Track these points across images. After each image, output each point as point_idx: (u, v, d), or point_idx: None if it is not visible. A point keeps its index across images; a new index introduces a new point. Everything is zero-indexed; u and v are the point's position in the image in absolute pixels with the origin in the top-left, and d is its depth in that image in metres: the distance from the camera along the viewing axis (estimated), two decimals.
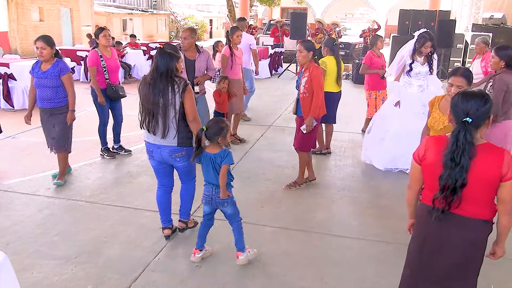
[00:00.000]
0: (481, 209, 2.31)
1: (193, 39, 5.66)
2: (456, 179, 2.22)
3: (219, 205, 3.57)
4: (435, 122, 3.68)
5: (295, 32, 14.10)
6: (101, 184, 5.27)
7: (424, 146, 2.41)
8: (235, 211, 3.63)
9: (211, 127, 3.43)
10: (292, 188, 5.20)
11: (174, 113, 3.60)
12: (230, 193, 3.57)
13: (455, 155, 2.21)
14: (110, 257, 3.73)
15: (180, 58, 3.71)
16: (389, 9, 32.78)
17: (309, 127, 4.87)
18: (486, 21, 17.52)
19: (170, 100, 3.57)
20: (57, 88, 4.92)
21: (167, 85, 3.56)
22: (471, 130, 2.23)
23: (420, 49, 5.47)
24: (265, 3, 27.78)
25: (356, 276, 3.54)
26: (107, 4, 29.51)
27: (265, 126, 8.03)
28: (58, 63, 4.92)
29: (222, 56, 6.77)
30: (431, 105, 3.80)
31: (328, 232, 4.24)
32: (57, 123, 5.04)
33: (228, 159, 3.44)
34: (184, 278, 3.47)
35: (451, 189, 2.24)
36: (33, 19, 19.98)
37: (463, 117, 2.26)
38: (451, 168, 2.23)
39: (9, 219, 4.35)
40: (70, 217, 4.41)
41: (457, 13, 23.02)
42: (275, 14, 32.31)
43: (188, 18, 34.74)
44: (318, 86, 4.79)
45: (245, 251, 3.66)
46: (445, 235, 2.38)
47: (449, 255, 2.39)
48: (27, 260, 3.61)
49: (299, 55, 4.86)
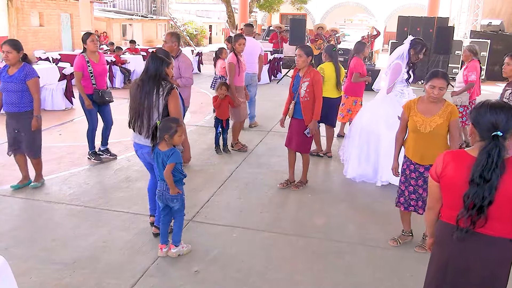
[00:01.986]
0: (509, 227, 2.19)
1: (173, 43, 5.60)
2: (484, 197, 2.09)
3: (169, 201, 3.72)
4: (421, 126, 3.65)
5: (294, 38, 14.15)
6: (100, 189, 5.27)
7: (443, 163, 2.27)
8: (181, 207, 3.78)
9: (162, 123, 3.58)
10: (300, 187, 5.35)
11: (157, 114, 3.71)
12: (180, 190, 3.69)
13: (486, 172, 2.07)
14: (109, 262, 3.73)
15: (171, 64, 3.84)
16: (388, 15, 32.87)
17: (313, 130, 5.05)
18: (484, 28, 17.60)
19: (154, 102, 3.69)
20: (22, 93, 4.85)
21: (153, 87, 3.70)
22: (504, 145, 2.09)
23: (418, 55, 5.44)
24: (265, 9, 27.87)
25: (355, 281, 3.54)
26: (107, 9, 29.56)
27: (264, 132, 8.04)
28: (25, 67, 4.86)
29: (229, 64, 6.64)
30: (408, 108, 3.76)
31: (327, 237, 4.24)
32: (23, 128, 4.96)
33: (174, 157, 3.57)
34: (183, 283, 3.46)
35: (477, 208, 2.11)
36: (33, 24, 19.99)
37: (492, 131, 2.12)
38: (478, 185, 2.09)
39: (8, 224, 4.34)
40: (68, 222, 4.41)
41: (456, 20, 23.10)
42: (274, 20, 32.36)
43: (188, 23, 34.80)
44: (320, 91, 4.98)
45: (179, 246, 3.80)
46: (472, 256, 2.25)
47: (476, 276, 2.26)
48: (25, 265, 3.60)
49: (298, 59, 4.94)
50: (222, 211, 4.74)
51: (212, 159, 6.43)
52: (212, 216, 4.61)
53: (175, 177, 3.64)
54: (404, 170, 3.91)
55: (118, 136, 6.62)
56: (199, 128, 8.20)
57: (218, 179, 5.64)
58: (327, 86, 6.26)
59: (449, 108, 3.65)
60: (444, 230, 2.33)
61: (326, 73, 6.26)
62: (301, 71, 5.05)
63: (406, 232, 4.14)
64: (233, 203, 4.97)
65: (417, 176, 3.84)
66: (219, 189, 5.34)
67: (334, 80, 6.31)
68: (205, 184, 5.46)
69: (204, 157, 6.49)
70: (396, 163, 3.99)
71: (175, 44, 5.61)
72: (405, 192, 3.93)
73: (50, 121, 8.47)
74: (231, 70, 6.60)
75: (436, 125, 3.62)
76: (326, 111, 6.42)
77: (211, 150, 6.75)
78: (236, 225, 4.42)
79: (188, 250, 3.86)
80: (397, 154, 3.98)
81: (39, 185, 5.22)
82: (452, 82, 6.15)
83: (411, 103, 3.78)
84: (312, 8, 32.12)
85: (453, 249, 2.30)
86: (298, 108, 5.08)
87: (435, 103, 3.64)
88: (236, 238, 4.19)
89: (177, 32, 6.21)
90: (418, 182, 3.85)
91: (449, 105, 3.67)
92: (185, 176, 3.75)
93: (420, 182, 3.84)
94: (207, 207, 4.82)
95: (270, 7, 27.06)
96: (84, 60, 5.77)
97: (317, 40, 14.72)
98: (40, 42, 19.75)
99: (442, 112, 3.63)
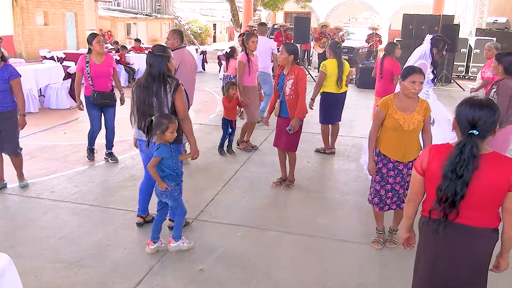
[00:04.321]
0: (488, 218, 2.25)
1: (175, 40, 5.58)
2: (456, 192, 2.15)
3: (159, 195, 3.78)
4: (404, 123, 3.59)
5: (298, 37, 14.11)
6: (104, 187, 5.28)
7: (429, 156, 2.30)
8: (177, 204, 3.80)
9: (156, 119, 3.63)
10: (290, 187, 5.32)
11: (167, 112, 3.76)
12: (169, 187, 3.70)
13: (458, 168, 2.13)
14: (114, 260, 3.73)
15: (170, 57, 3.88)
16: (393, 13, 32.73)
17: (295, 127, 4.97)
18: (490, 26, 17.50)
19: (163, 100, 3.72)
20: (5, 93, 4.81)
21: (160, 86, 3.73)
22: (477, 143, 2.14)
23: (442, 52, 5.34)
24: (269, 8, 27.81)
25: (360, 281, 3.53)
26: (111, 8, 29.60)
27: (268, 130, 8.02)
28: (8, 68, 4.84)
29: (239, 63, 6.58)
30: (385, 106, 3.66)
31: (332, 236, 4.23)
32: (5, 128, 4.91)
33: (158, 152, 3.63)
34: (187, 282, 3.46)
35: (450, 201, 2.17)
36: (38, 23, 20.07)
37: (469, 128, 2.16)
38: (451, 180, 2.15)
39: (13, 222, 4.36)
40: (74, 221, 4.42)
41: (461, 17, 23.00)
42: (278, 19, 32.33)
43: (192, 22, 34.82)
44: (303, 89, 4.94)
45: (178, 241, 3.85)
46: (458, 247, 2.30)
47: (463, 266, 2.31)
48: (31, 263, 3.61)
49: (280, 56, 4.96)
50: (226, 210, 4.74)
51: (216, 158, 6.42)
52: (216, 215, 4.61)
53: (164, 173, 3.67)
54: (380, 169, 3.80)
55: (123, 135, 6.62)
56: (204, 127, 8.20)
57: (222, 178, 5.63)
58: (329, 82, 6.34)
59: (424, 104, 3.66)
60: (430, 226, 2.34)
61: (329, 70, 6.29)
62: (285, 69, 4.99)
63: (380, 230, 4.09)
64: (238, 202, 4.96)
65: (396, 174, 3.78)
66: (223, 187, 5.33)
67: (336, 76, 6.31)
68: (210, 183, 5.46)
69: (208, 156, 6.48)
70: (373, 163, 3.83)
71: (177, 41, 5.59)
72: (381, 191, 3.85)
73: (55, 120, 8.51)
74: (240, 69, 6.55)
75: (417, 122, 3.61)
76: (330, 107, 6.47)
77: (215, 148, 6.74)
78: (241, 224, 4.41)
79: (189, 247, 3.89)
80: (373, 154, 3.82)
81: (27, 183, 5.19)
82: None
83: (388, 100, 3.69)
84: (316, 6, 32.01)
85: (439, 242, 2.33)
86: (284, 107, 5.05)
87: (412, 99, 3.62)
88: (240, 237, 4.18)
89: (180, 30, 6.16)
90: (396, 179, 3.80)
91: (423, 101, 3.68)
92: (178, 173, 3.75)
93: (398, 179, 3.80)
94: (212, 206, 4.82)
95: (275, 6, 27.00)
96: (84, 60, 5.72)
97: (321, 39, 14.70)
98: (45, 41, 19.82)
99: (419, 109, 3.63)
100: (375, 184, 3.89)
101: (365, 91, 11.81)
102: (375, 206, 3.92)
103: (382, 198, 3.87)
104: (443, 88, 13.68)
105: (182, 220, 3.89)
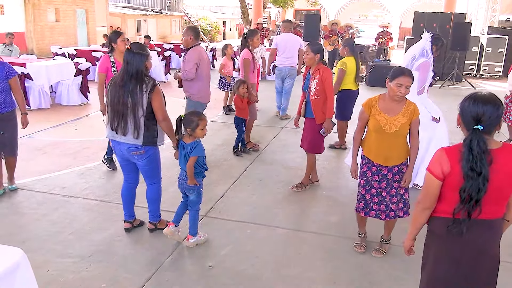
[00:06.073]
0: (502, 208, 2.31)
1: (188, 37, 5.52)
2: (479, 189, 2.15)
3: (186, 190, 3.85)
4: (385, 125, 3.49)
5: (308, 34, 14.06)
6: (115, 183, 5.31)
7: (449, 161, 2.24)
8: (197, 200, 3.89)
9: (185, 117, 3.68)
10: (299, 189, 5.19)
11: (142, 112, 3.65)
12: (198, 182, 3.78)
13: (474, 165, 2.13)
14: (124, 256, 3.76)
15: (148, 56, 3.76)
16: (404, 11, 32.53)
17: (329, 129, 4.88)
18: (502, 24, 17.34)
19: (138, 100, 3.63)
20: (5, 92, 4.71)
21: (136, 85, 3.64)
22: (484, 138, 2.15)
23: (438, 51, 5.28)
24: (279, 5, 27.80)
25: (370, 279, 3.53)
26: (122, 5, 29.77)
27: (278, 128, 8.03)
28: (5, 66, 4.71)
29: (244, 60, 6.52)
30: (368, 107, 3.57)
31: (342, 234, 4.22)
32: (7, 129, 4.81)
33: (196, 151, 3.66)
34: (197, 278, 3.49)
35: (475, 200, 2.17)
36: (49, 19, 20.22)
37: (473, 124, 2.17)
38: (472, 179, 2.15)
39: (25, 217, 4.41)
40: (84, 216, 4.46)
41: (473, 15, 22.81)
42: (288, 16, 32.27)
43: (202, 19, 34.89)
44: (330, 88, 4.82)
45: (196, 236, 3.92)
46: (482, 242, 2.31)
47: (487, 262, 2.33)
48: (42, 258, 3.66)
49: (306, 56, 4.85)
50: (236, 207, 4.75)
51: (226, 155, 6.44)
52: (226, 212, 4.62)
53: (195, 170, 3.72)
54: (365, 172, 3.69)
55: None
56: (213, 124, 8.21)
57: (232, 175, 5.65)
58: (348, 80, 6.41)
59: (411, 107, 3.52)
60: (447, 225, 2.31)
61: (349, 67, 6.34)
62: (311, 68, 4.90)
63: (362, 234, 4.00)
64: (247, 199, 4.97)
65: (380, 179, 3.64)
66: (233, 185, 5.35)
67: (355, 73, 6.41)
68: (219, 180, 5.48)
69: (218, 153, 6.50)
70: (355, 165, 3.75)
71: (190, 37, 5.53)
72: (366, 196, 3.72)
73: (66, 116, 8.58)
74: (246, 66, 6.51)
75: (400, 125, 3.48)
76: (350, 103, 6.54)
77: (225, 145, 6.76)
78: (250, 221, 4.43)
79: (205, 239, 3.98)
80: (356, 155, 3.73)
81: (17, 187, 5.06)
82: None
83: (372, 101, 3.58)
84: (326, 3, 31.92)
85: (462, 240, 2.30)
86: (309, 107, 4.93)
87: (397, 101, 3.50)
88: (250, 234, 4.20)
89: (195, 26, 6.11)
90: (381, 184, 3.65)
91: (410, 104, 3.54)
92: (206, 169, 3.83)
93: (383, 185, 3.65)
94: (221, 203, 4.84)
95: (285, 3, 26.99)
96: (109, 60, 5.34)
97: (331, 36, 14.65)
98: (56, 37, 19.98)
99: (405, 111, 3.50)
100: (360, 188, 3.77)
101: (375, 89, 11.76)
102: (361, 211, 3.79)
103: (367, 203, 3.73)
104: (454, 86, 13.57)
105: (197, 216, 3.93)
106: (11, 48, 10.90)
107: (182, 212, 3.98)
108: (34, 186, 5.14)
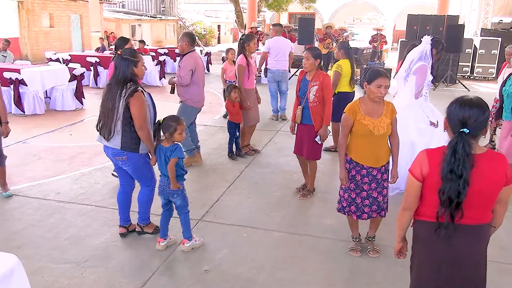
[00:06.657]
0: (486, 214, 2.30)
1: (184, 42, 5.57)
2: (459, 192, 2.15)
3: (170, 195, 3.82)
4: (374, 128, 3.51)
5: (302, 38, 14.12)
6: (110, 189, 5.30)
7: (428, 162, 2.26)
8: (184, 203, 3.86)
9: (163, 122, 3.68)
10: (307, 196, 5.12)
11: (118, 116, 3.67)
12: (181, 186, 3.77)
13: (455, 167, 2.13)
14: (120, 261, 3.76)
15: (139, 62, 3.73)
16: (397, 14, 32.69)
17: (324, 136, 4.82)
18: (495, 26, 17.45)
19: (116, 104, 3.65)
20: None
21: (117, 90, 3.67)
22: (469, 141, 2.16)
23: (439, 54, 5.28)
24: (273, 9, 27.84)
25: (365, 281, 3.54)
26: (116, 10, 29.75)
27: (273, 131, 8.05)
28: None
29: (239, 66, 6.41)
30: (352, 113, 3.57)
31: (337, 237, 4.23)
32: None
33: (177, 152, 3.67)
34: (193, 282, 3.48)
35: (455, 203, 2.17)
36: (44, 25, 20.19)
37: (460, 127, 2.18)
38: (451, 181, 2.15)
39: (20, 223, 4.39)
40: (80, 222, 4.45)
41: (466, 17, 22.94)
42: (283, 20, 32.34)
43: (196, 23, 34.92)
44: (329, 95, 4.80)
45: (191, 240, 3.92)
46: (461, 246, 2.30)
47: (465, 264, 2.32)
48: (38, 264, 3.65)
49: (305, 62, 4.72)
50: (231, 211, 4.76)
51: (221, 159, 6.44)
52: (221, 216, 4.62)
53: (176, 172, 3.71)
54: (354, 176, 3.68)
55: None
56: (208, 128, 8.22)
57: (227, 179, 5.65)
58: (344, 82, 6.46)
59: (390, 106, 3.61)
60: (428, 229, 2.33)
61: (344, 70, 6.37)
62: (309, 74, 4.77)
63: (356, 237, 4.01)
64: (243, 202, 4.98)
65: (370, 180, 3.66)
66: (228, 188, 5.35)
67: (350, 76, 6.46)
68: (215, 184, 5.48)
69: (213, 157, 6.50)
70: (344, 172, 3.70)
71: (186, 43, 5.58)
72: (357, 199, 3.72)
73: (61, 121, 8.56)
74: (240, 72, 6.44)
75: (386, 125, 3.55)
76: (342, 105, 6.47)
77: (220, 149, 6.76)
78: (246, 225, 4.43)
79: (201, 242, 3.98)
80: (344, 162, 3.70)
81: (11, 193, 5.03)
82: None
83: (355, 106, 3.59)
84: (320, 7, 31.99)
85: (443, 244, 2.31)
86: (307, 113, 4.82)
87: (378, 103, 3.55)
88: (245, 238, 4.20)
89: (191, 32, 6.13)
90: (371, 185, 3.67)
91: (388, 103, 3.62)
92: (185, 172, 3.84)
93: (373, 186, 3.67)
94: (217, 207, 4.84)
95: (279, 7, 27.03)
96: None
97: (325, 40, 14.68)
98: (50, 43, 19.95)
99: (386, 111, 3.57)
100: (350, 192, 3.75)
101: None
102: (353, 214, 3.79)
103: (359, 206, 3.74)
104: (447, 88, 13.64)
105: (188, 219, 3.91)
106: (5, 54, 10.87)
107: (167, 223, 3.95)
108: (29, 192, 5.12)
